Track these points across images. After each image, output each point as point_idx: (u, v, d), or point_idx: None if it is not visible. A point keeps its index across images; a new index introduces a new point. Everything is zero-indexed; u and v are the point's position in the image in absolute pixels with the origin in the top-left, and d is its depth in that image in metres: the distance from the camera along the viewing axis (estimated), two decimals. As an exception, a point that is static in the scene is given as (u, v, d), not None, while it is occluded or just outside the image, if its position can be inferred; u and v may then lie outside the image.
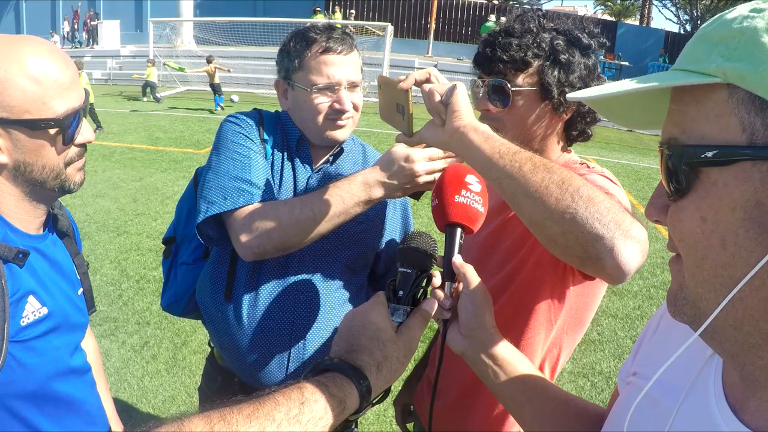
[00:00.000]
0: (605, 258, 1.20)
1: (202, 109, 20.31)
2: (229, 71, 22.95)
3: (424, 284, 1.31)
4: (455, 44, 32.87)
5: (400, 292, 1.27)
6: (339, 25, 2.09)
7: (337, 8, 31.00)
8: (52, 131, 1.48)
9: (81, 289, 1.82)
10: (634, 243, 1.20)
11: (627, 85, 0.77)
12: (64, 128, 1.49)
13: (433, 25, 32.79)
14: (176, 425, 0.84)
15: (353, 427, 2.36)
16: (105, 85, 27.37)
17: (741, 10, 0.70)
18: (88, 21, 34.03)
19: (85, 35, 34.41)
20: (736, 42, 0.67)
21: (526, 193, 1.24)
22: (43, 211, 1.64)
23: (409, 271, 1.29)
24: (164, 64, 23.56)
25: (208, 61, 21.51)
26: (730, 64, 0.67)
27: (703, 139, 0.70)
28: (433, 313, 1.27)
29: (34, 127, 1.44)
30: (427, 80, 1.46)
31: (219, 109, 20.67)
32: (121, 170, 11.59)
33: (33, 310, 1.51)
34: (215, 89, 21.13)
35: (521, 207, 1.27)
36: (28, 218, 1.59)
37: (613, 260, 1.20)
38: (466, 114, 1.36)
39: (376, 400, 1.17)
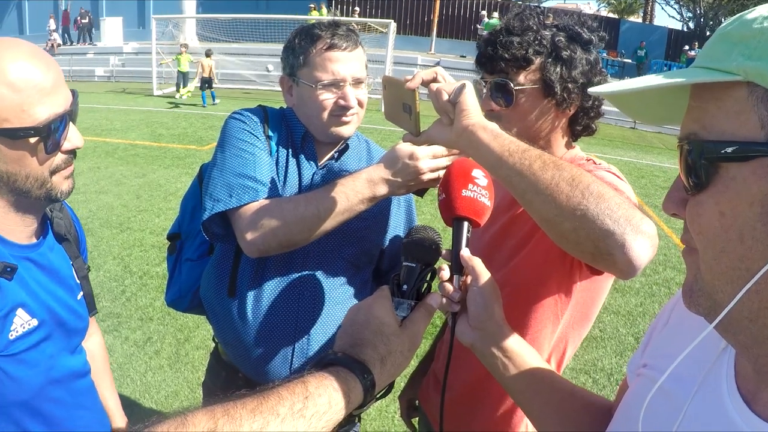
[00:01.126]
0: (616, 253, 1.21)
1: (194, 104, 20.32)
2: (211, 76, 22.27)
3: (428, 278, 1.31)
4: (458, 41, 32.84)
5: (405, 286, 1.27)
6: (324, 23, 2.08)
7: (322, 5, 30.54)
8: (33, 140, 1.40)
9: (81, 293, 1.77)
10: (644, 238, 1.22)
11: (652, 80, 0.78)
12: (46, 136, 1.40)
13: (436, 22, 32.77)
14: (180, 420, 0.84)
15: (357, 421, 2.37)
16: (108, 82, 27.38)
17: (761, 11, 0.72)
18: (79, 19, 34.08)
19: (75, 32, 34.32)
20: (756, 41, 0.69)
21: (536, 190, 1.25)
22: (32, 219, 1.57)
23: (414, 265, 1.29)
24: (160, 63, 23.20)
25: (207, 55, 21.25)
26: (751, 62, 0.69)
27: (723, 135, 0.72)
28: (437, 307, 1.27)
29: (14, 136, 1.36)
30: (434, 80, 1.46)
31: (213, 103, 20.75)
32: (124, 167, 11.59)
33: (22, 322, 1.47)
34: (209, 83, 20.95)
35: (532, 204, 1.28)
36: (17, 228, 1.53)
37: (624, 255, 1.21)
38: (474, 113, 1.36)
39: (380, 394, 1.17)
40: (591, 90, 0.92)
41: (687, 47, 31.13)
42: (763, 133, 0.67)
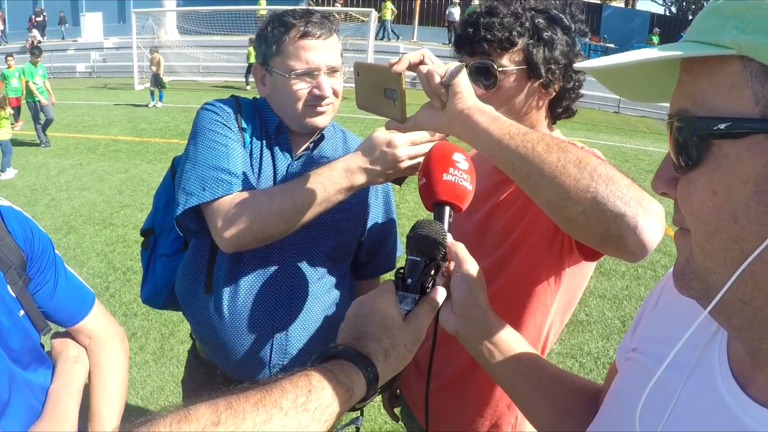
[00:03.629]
0: (628, 236, 1.19)
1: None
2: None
3: (433, 273, 1.28)
4: (441, 29, 32.75)
5: (409, 280, 1.24)
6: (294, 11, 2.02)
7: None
8: None
9: (22, 311, 1.59)
10: (655, 219, 1.20)
11: (642, 54, 0.75)
12: None
13: (418, 11, 32.68)
14: (183, 413, 0.82)
15: (359, 415, 2.35)
16: (89, 77, 27.20)
17: None
18: (34, 18, 34.90)
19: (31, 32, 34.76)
20: (751, 15, 0.67)
21: (541, 174, 1.21)
22: None
23: (418, 259, 1.25)
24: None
25: (152, 52, 20.13)
26: (745, 36, 0.66)
27: (716, 111, 0.69)
28: (441, 301, 1.24)
29: None
30: (422, 62, 1.39)
31: (153, 105, 19.14)
32: (107, 162, 11.56)
33: None
34: (158, 82, 19.41)
35: (537, 188, 1.24)
36: None
37: (636, 237, 1.19)
38: (469, 96, 1.31)
39: (383, 387, 1.15)
40: (578, 65, 0.89)
41: (657, 29, 31.36)
42: (758, 109, 0.65)
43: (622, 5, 45.12)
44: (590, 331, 5.67)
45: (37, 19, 34.62)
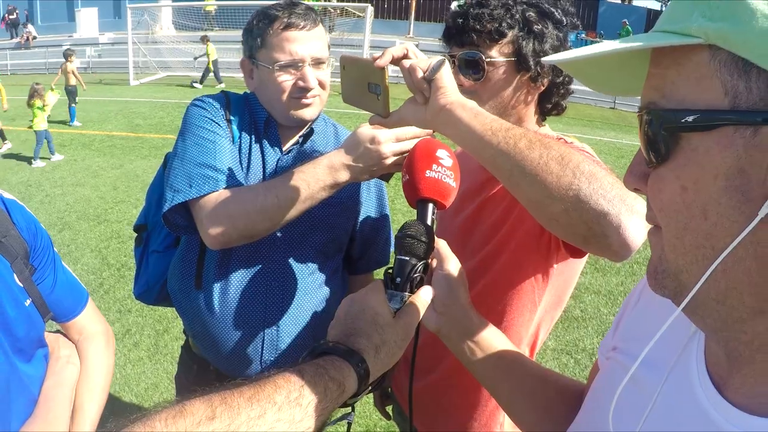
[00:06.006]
0: (611, 235, 1.17)
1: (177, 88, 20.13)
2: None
3: (421, 272, 1.28)
4: (437, 24, 32.68)
5: (398, 279, 1.24)
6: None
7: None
8: None
9: (29, 300, 1.61)
10: (639, 218, 1.17)
11: (607, 46, 0.73)
12: None
13: (414, 5, 32.61)
14: (178, 408, 0.83)
15: (351, 411, 2.34)
16: (84, 73, 27.09)
17: None
18: (7, 16, 35.17)
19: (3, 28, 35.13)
20: (718, 1, 0.64)
21: (523, 171, 1.19)
22: None
23: (407, 258, 1.26)
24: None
25: (66, 56, 16.63)
26: (712, 24, 0.63)
27: (684, 103, 0.67)
28: (430, 300, 1.24)
29: None
30: (405, 56, 1.38)
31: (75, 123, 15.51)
32: (101, 158, 11.55)
33: None
34: (71, 95, 15.88)
35: (518, 186, 1.23)
36: None
37: (620, 237, 1.17)
38: (452, 90, 1.30)
39: (374, 384, 1.16)
40: (545, 59, 0.87)
41: (624, 20, 31.34)
42: (727, 101, 0.62)
43: (619, 1, 45.08)
44: (585, 327, 5.67)
45: (10, 17, 34.75)
